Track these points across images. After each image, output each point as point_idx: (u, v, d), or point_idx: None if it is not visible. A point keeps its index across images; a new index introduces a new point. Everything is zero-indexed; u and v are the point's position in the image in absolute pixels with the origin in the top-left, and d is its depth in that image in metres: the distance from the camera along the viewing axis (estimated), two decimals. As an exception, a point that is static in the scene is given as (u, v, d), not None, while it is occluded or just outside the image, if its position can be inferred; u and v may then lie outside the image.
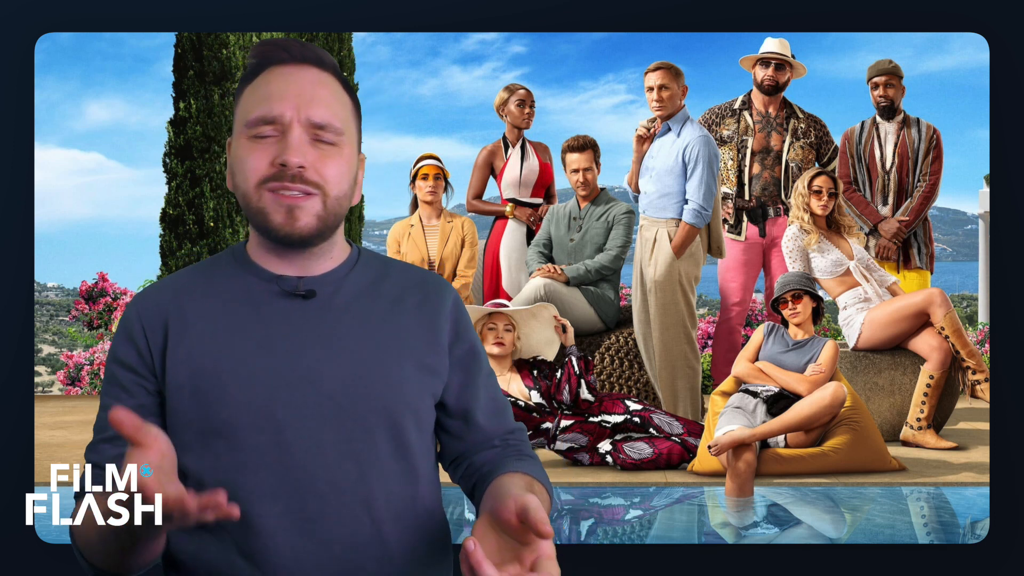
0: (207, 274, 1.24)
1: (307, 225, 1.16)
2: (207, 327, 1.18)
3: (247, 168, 1.16)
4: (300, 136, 1.15)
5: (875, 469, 3.52)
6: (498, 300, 4.25)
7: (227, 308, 1.20)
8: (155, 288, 1.25)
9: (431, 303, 1.27)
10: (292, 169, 1.14)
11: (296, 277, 1.21)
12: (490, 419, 1.31)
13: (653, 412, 3.74)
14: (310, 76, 1.18)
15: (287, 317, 1.19)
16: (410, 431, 1.21)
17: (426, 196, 4.88)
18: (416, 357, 1.23)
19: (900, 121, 4.97)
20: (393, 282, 1.27)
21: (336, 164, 1.18)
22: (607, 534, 3.03)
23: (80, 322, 7.26)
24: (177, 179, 7.32)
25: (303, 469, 1.15)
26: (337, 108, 1.19)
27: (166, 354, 1.18)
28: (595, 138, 4.76)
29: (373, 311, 1.23)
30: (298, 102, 1.16)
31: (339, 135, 1.18)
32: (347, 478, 1.16)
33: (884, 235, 4.90)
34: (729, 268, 5.02)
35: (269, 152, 1.15)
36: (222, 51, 7.38)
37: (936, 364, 4.07)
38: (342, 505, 1.16)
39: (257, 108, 1.16)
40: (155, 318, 1.20)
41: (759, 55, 5.00)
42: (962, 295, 24.76)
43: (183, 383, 1.16)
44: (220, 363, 1.16)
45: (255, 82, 1.19)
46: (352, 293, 1.23)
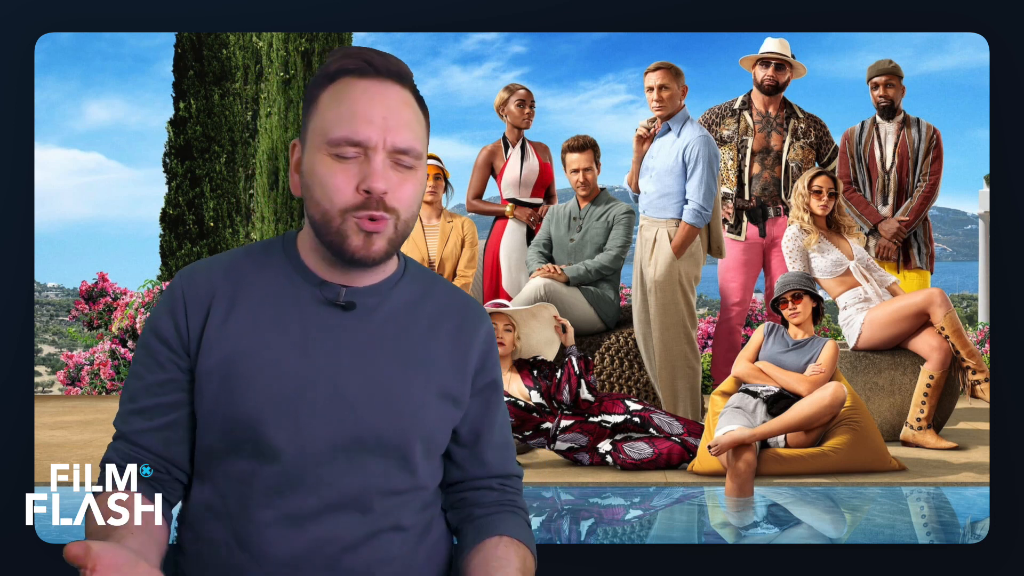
0: (259, 263, 1.25)
1: (379, 250, 1.18)
2: (248, 317, 1.21)
3: (330, 189, 1.16)
4: (384, 161, 1.16)
5: (875, 469, 3.52)
6: (498, 300, 4.25)
7: (270, 302, 1.22)
8: (203, 267, 1.26)
9: (465, 332, 1.29)
10: (377, 196, 1.15)
11: (341, 286, 1.23)
12: (496, 456, 1.34)
13: (653, 412, 3.74)
14: (394, 95, 1.18)
15: (325, 324, 1.21)
16: (419, 454, 1.24)
17: (426, 196, 4.88)
18: (441, 384, 1.25)
19: (900, 121, 4.97)
20: (433, 304, 1.29)
21: (412, 187, 1.19)
22: (607, 534, 3.03)
23: (80, 322, 7.27)
24: (177, 179, 7.32)
25: (310, 470, 1.18)
26: (418, 130, 1.20)
27: (203, 334, 1.20)
28: (595, 138, 4.76)
29: (408, 331, 1.25)
30: (384, 125, 1.16)
31: (418, 159, 1.19)
32: (350, 485, 1.19)
33: (884, 235, 4.90)
34: (729, 268, 5.02)
35: (353, 175, 1.16)
36: (222, 51, 7.37)
37: (936, 364, 4.07)
38: (339, 509, 1.18)
39: (342, 127, 1.16)
40: (200, 297, 1.22)
41: (759, 55, 5.01)
42: (962, 295, 24.77)
43: (213, 368, 1.19)
44: (253, 354, 1.19)
45: (334, 91, 1.18)
46: (392, 310, 1.25)
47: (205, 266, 1.26)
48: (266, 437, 1.17)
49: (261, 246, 1.28)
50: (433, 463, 1.29)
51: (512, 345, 3.83)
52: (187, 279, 1.23)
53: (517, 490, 1.37)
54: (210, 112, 7.38)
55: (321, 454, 1.18)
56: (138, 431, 1.21)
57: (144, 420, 1.21)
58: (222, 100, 7.40)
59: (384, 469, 1.21)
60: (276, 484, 1.17)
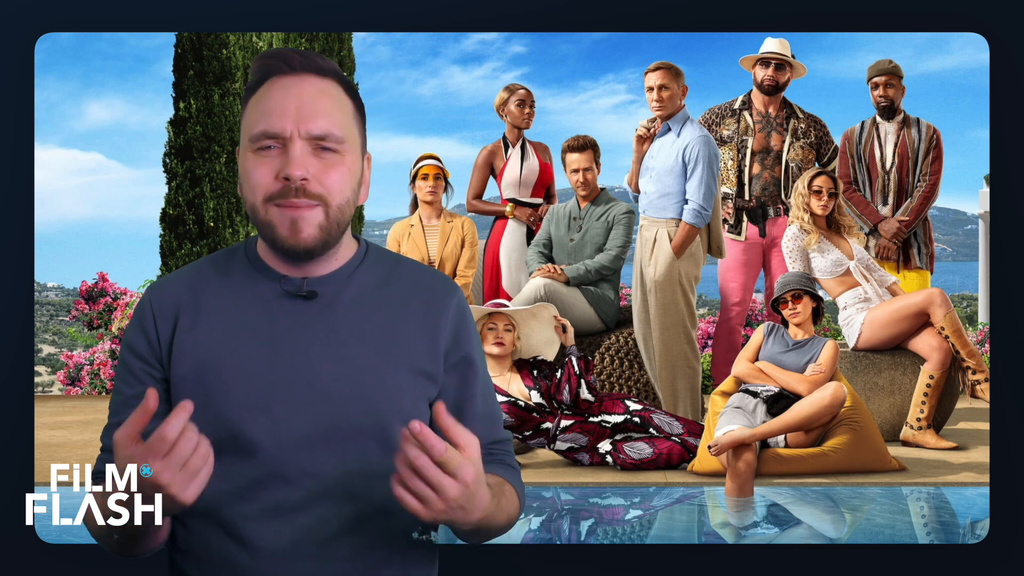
0: (222, 269, 1.29)
1: (310, 236, 1.21)
2: (216, 321, 1.24)
3: (253, 182, 1.21)
4: (302, 149, 1.19)
5: (875, 469, 3.52)
6: (498, 300, 4.25)
7: (236, 305, 1.25)
8: (171, 278, 1.31)
9: (435, 308, 1.30)
10: (295, 183, 1.18)
11: (300, 278, 1.26)
12: (480, 427, 1.33)
13: (653, 412, 3.74)
14: (309, 86, 1.22)
15: (291, 317, 1.24)
16: (397, 431, 1.23)
17: (426, 196, 4.88)
18: (413, 363, 1.26)
19: (900, 121, 4.97)
20: (400, 285, 1.30)
21: (338, 172, 1.22)
22: (607, 534, 3.03)
23: (80, 322, 7.27)
24: (177, 179, 7.32)
25: (290, 463, 1.20)
26: (338, 116, 1.22)
27: (173, 344, 1.24)
28: (595, 138, 4.76)
29: (375, 314, 1.27)
30: (297, 115, 1.19)
31: (340, 143, 1.22)
32: (332, 473, 1.21)
33: (884, 235, 4.90)
34: (729, 268, 5.02)
35: (272, 166, 1.20)
36: (222, 51, 7.37)
37: (936, 364, 4.07)
38: (324, 497, 1.21)
39: (259, 123, 1.20)
40: (167, 308, 1.26)
41: (759, 55, 5.00)
42: (962, 295, 24.77)
43: (187, 374, 1.22)
44: (224, 357, 1.22)
45: (257, 94, 1.23)
46: (356, 294, 1.27)
47: (172, 278, 1.30)
48: (243, 435, 1.19)
49: (224, 252, 1.32)
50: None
51: (512, 345, 3.83)
52: (155, 292, 1.28)
53: (506, 450, 1.38)
54: (210, 112, 7.38)
55: (299, 446, 1.20)
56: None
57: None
58: (222, 100, 7.40)
59: (364, 453, 1.22)
60: (257, 478, 1.20)
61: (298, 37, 7.82)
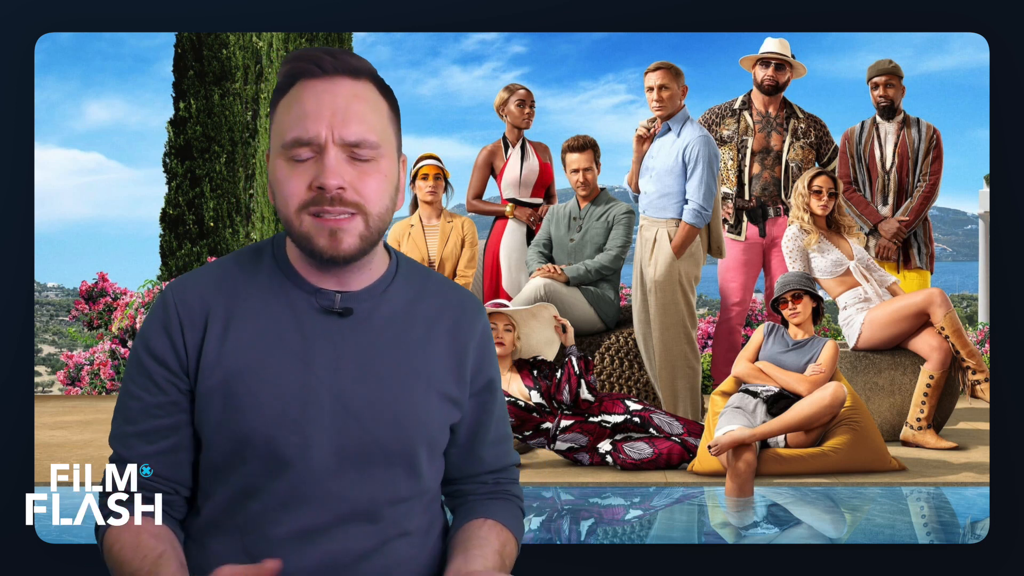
0: (249, 272, 1.23)
1: (351, 246, 1.16)
2: (246, 332, 1.19)
3: (286, 192, 1.16)
4: (336, 156, 1.14)
5: (875, 469, 3.52)
6: (498, 300, 4.25)
7: (267, 313, 1.20)
8: (195, 278, 1.24)
9: (463, 331, 1.28)
10: (331, 192, 1.14)
11: (334, 292, 1.22)
12: (491, 453, 1.35)
13: (653, 412, 3.74)
14: (343, 90, 1.17)
15: (325, 333, 1.20)
16: (424, 458, 1.24)
17: (426, 196, 4.88)
18: (442, 388, 1.25)
19: (900, 121, 4.97)
20: (429, 303, 1.28)
21: (375, 180, 1.17)
22: (607, 534, 3.03)
23: (80, 322, 7.26)
24: (177, 179, 7.32)
25: (319, 484, 1.17)
26: (373, 120, 1.17)
27: (201, 354, 1.18)
28: (595, 138, 4.76)
29: (406, 336, 1.24)
30: (332, 121, 1.14)
31: (375, 149, 1.17)
32: (359, 497, 1.19)
33: (884, 235, 4.90)
34: (729, 268, 5.02)
35: (307, 175, 1.15)
36: (222, 51, 7.37)
37: (936, 364, 4.07)
38: (350, 521, 1.18)
39: (292, 129, 1.15)
40: (195, 313, 1.20)
41: (759, 55, 5.00)
42: (962, 295, 24.77)
43: (216, 386, 1.17)
44: (255, 371, 1.17)
45: (288, 98, 1.17)
46: (388, 313, 1.24)
47: (196, 280, 1.23)
48: (275, 453, 1.16)
49: (250, 253, 1.26)
50: (436, 464, 1.29)
51: (512, 345, 3.83)
52: (179, 293, 1.21)
53: (512, 480, 1.38)
54: (210, 112, 7.38)
55: (329, 468, 1.17)
56: (142, 456, 1.19)
57: (147, 444, 1.20)
58: (222, 100, 7.40)
59: (391, 478, 1.21)
60: (285, 499, 1.17)
61: (298, 37, 7.82)
